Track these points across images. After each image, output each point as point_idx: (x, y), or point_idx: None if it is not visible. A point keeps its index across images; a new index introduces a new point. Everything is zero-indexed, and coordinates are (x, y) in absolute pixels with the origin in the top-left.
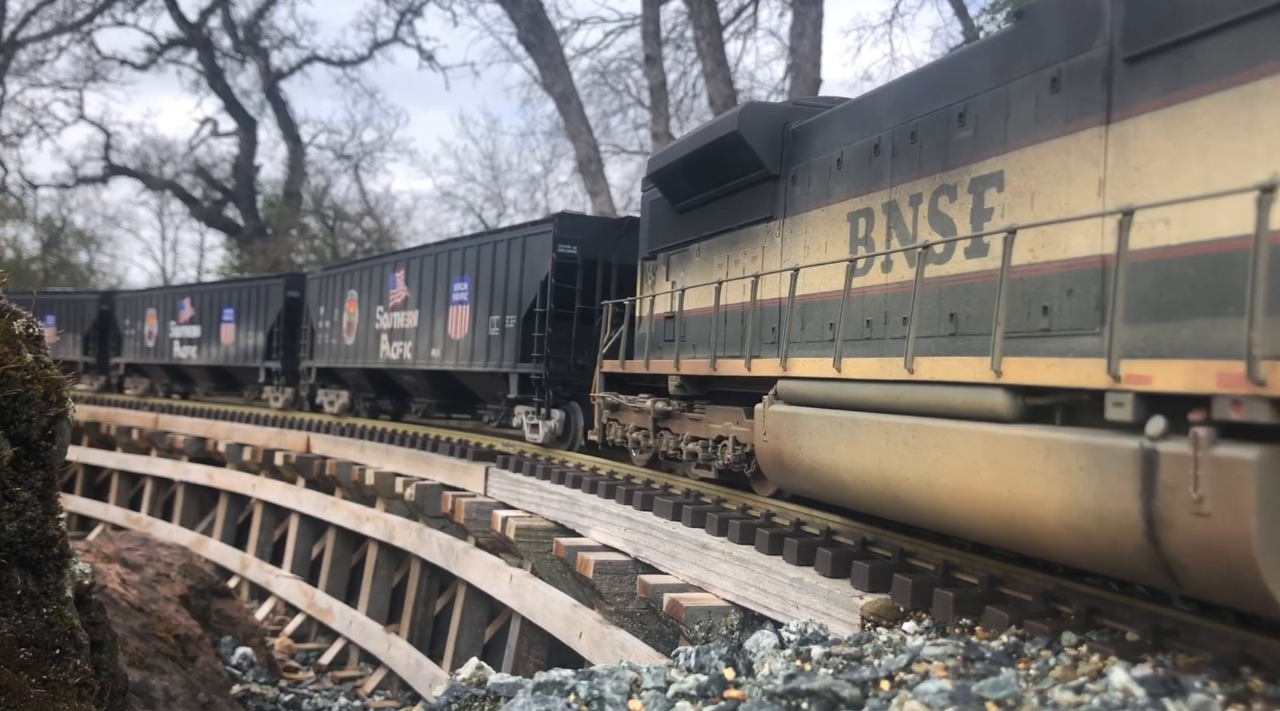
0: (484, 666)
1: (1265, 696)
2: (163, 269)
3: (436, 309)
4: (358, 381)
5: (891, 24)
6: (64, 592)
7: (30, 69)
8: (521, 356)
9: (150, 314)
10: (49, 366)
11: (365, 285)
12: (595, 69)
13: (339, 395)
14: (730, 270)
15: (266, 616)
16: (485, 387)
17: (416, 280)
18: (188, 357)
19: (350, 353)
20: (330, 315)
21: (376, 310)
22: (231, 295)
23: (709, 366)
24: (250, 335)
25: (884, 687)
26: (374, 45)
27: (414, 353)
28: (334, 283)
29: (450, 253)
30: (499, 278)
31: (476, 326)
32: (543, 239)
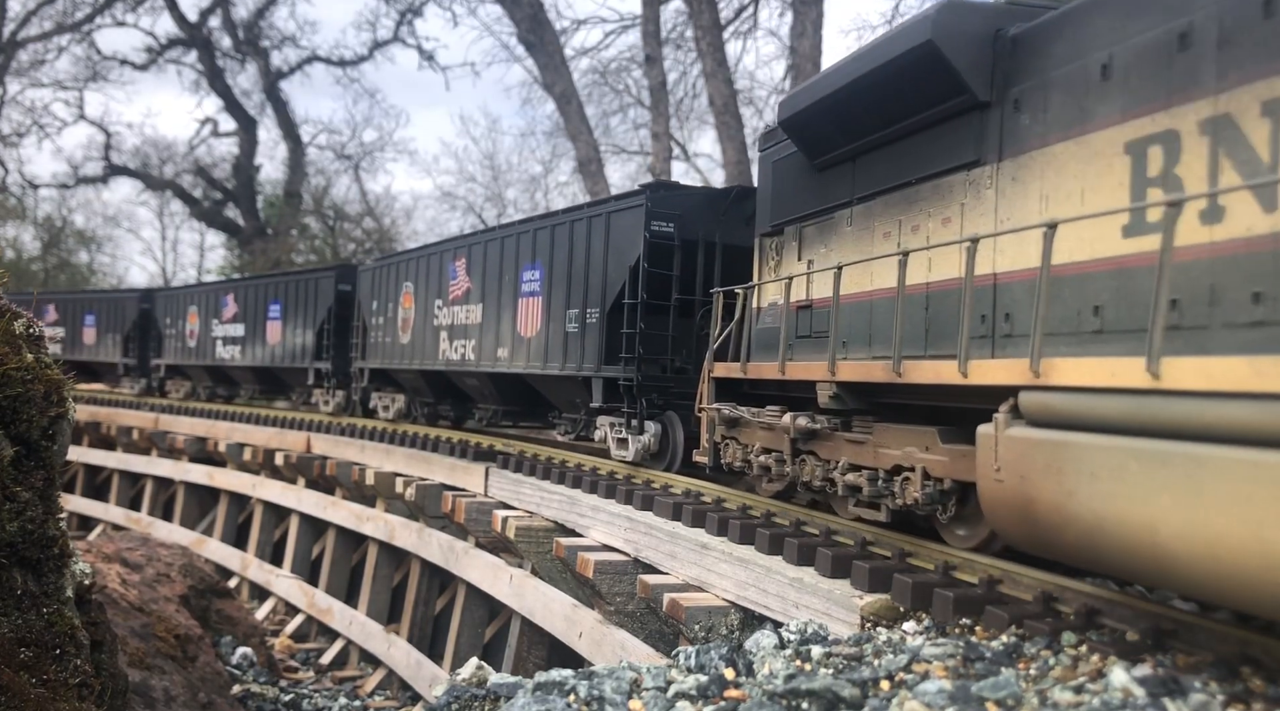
0: (484, 666)
1: (1265, 696)
2: (163, 269)
3: (503, 302)
4: (415, 384)
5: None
6: (64, 592)
7: (30, 69)
8: (607, 357)
9: (192, 312)
10: (49, 366)
11: (422, 276)
12: (595, 69)
13: (394, 399)
14: (906, 239)
15: (266, 616)
16: (561, 394)
17: (480, 269)
18: (231, 358)
19: (406, 352)
20: (384, 311)
21: (435, 304)
22: (278, 290)
23: (888, 371)
24: (298, 333)
25: (884, 687)
26: (374, 45)
27: (477, 353)
28: (388, 274)
29: (519, 236)
30: (578, 264)
31: (551, 322)
32: (632, 215)
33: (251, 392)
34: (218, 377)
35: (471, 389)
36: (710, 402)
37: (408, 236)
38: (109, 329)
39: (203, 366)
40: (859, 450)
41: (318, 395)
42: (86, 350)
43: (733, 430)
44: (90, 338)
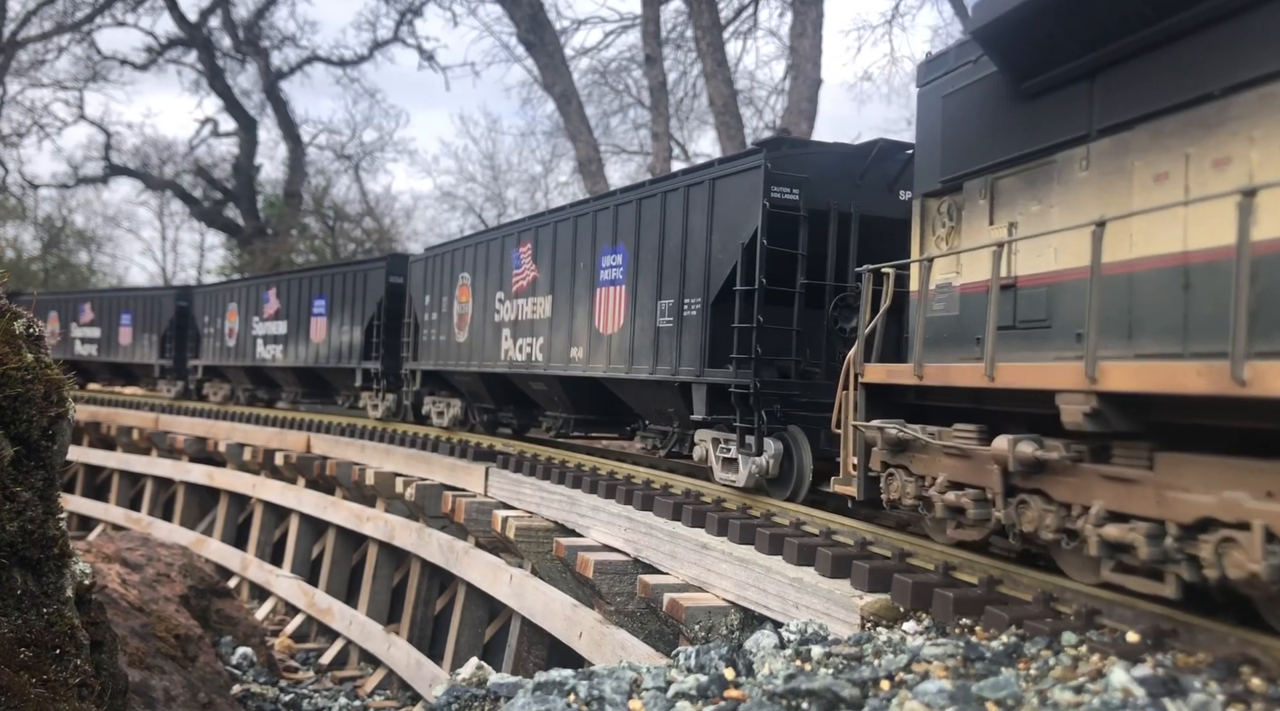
0: (484, 666)
1: (1265, 696)
2: (163, 269)
3: (577, 293)
4: (473, 388)
5: (891, 24)
6: (64, 592)
7: (30, 69)
8: (711, 358)
9: (231, 309)
10: (49, 366)
11: (480, 266)
12: (595, 69)
13: (449, 405)
14: (1194, 182)
15: (266, 616)
16: (649, 402)
17: (549, 255)
18: (272, 359)
19: (462, 352)
20: (437, 305)
21: (495, 298)
22: (324, 284)
23: (1215, 377)
24: (345, 331)
25: (884, 687)
26: (374, 45)
27: (546, 353)
28: (442, 265)
29: (596, 214)
30: (672, 244)
31: (638, 315)
32: (745, 181)
33: (294, 396)
34: (258, 379)
35: (538, 394)
36: (862, 416)
37: (408, 236)
38: (145, 328)
39: (242, 367)
40: (1128, 492)
41: (366, 398)
42: (122, 351)
43: (899, 455)
44: (126, 338)
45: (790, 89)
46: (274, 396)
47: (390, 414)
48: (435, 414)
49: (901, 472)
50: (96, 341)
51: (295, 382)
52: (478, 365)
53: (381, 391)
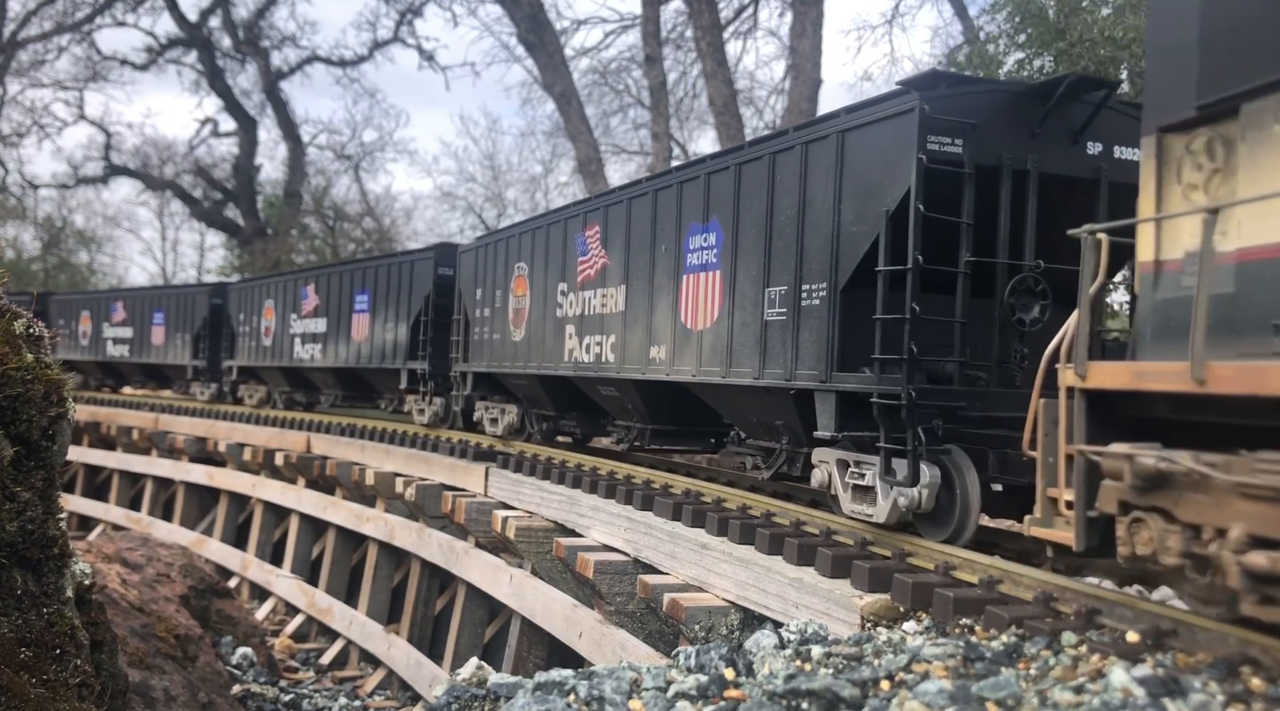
0: (484, 666)
1: (1265, 696)
2: (163, 269)
3: (658, 282)
4: (530, 393)
5: (891, 24)
6: (64, 592)
7: (30, 69)
8: (840, 360)
9: (268, 306)
10: (49, 366)
11: (539, 254)
12: (595, 69)
13: (503, 411)
14: None
15: (266, 616)
16: (751, 413)
17: (621, 238)
18: (311, 359)
19: (519, 353)
20: (490, 300)
21: (557, 290)
22: (366, 277)
23: None
24: (389, 328)
25: (884, 687)
26: (374, 45)
27: (619, 353)
28: (494, 255)
29: (681, 186)
30: (784, 217)
31: (737, 307)
32: (891, 131)
33: (334, 399)
34: (295, 381)
35: (607, 401)
36: (1083, 436)
37: (408, 236)
38: (178, 327)
39: (278, 368)
40: None
41: (411, 402)
42: (154, 351)
43: (1155, 494)
44: (158, 337)
45: (790, 89)
46: (312, 400)
47: (437, 420)
48: (488, 421)
49: (1157, 518)
50: (128, 342)
51: (335, 385)
52: (536, 367)
53: (428, 395)
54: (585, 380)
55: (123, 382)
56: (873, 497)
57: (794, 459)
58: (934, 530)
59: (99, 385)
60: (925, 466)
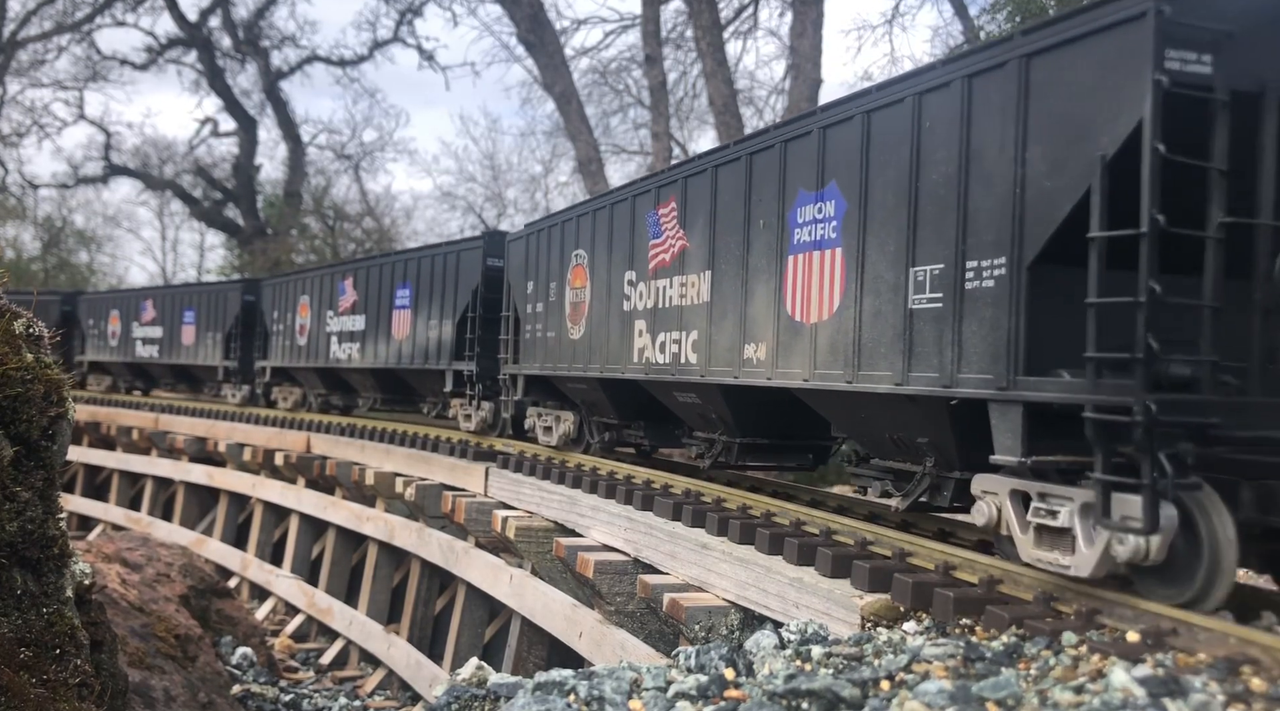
0: (484, 666)
1: (1265, 696)
2: (163, 269)
3: (753, 265)
4: (590, 399)
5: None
6: (64, 592)
7: (30, 69)
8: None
9: (303, 302)
10: (49, 366)
11: (601, 239)
12: (595, 69)
13: (559, 418)
14: None
15: (266, 616)
16: (881, 424)
17: (704, 214)
18: (348, 359)
19: (577, 353)
20: (543, 293)
21: (623, 279)
22: (408, 270)
23: None
24: (433, 326)
25: (884, 687)
26: (374, 45)
27: (701, 351)
28: (548, 242)
29: (785, 146)
30: (936, 173)
31: (868, 291)
32: (1108, 47)
33: (372, 402)
34: (332, 383)
35: (684, 409)
36: None
37: (408, 236)
38: (209, 326)
39: (314, 369)
40: None
41: (456, 407)
42: (185, 352)
43: None
44: (189, 337)
45: (790, 89)
46: (349, 403)
47: (485, 427)
48: (541, 429)
49: None
50: (158, 342)
51: (374, 387)
52: (599, 369)
53: (476, 399)
54: (658, 385)
55: (153, 385)
56: (1068, 542)
57: (940, 486)
58: (1165, 589)
59: (128, 388)
60: (1167, 508)
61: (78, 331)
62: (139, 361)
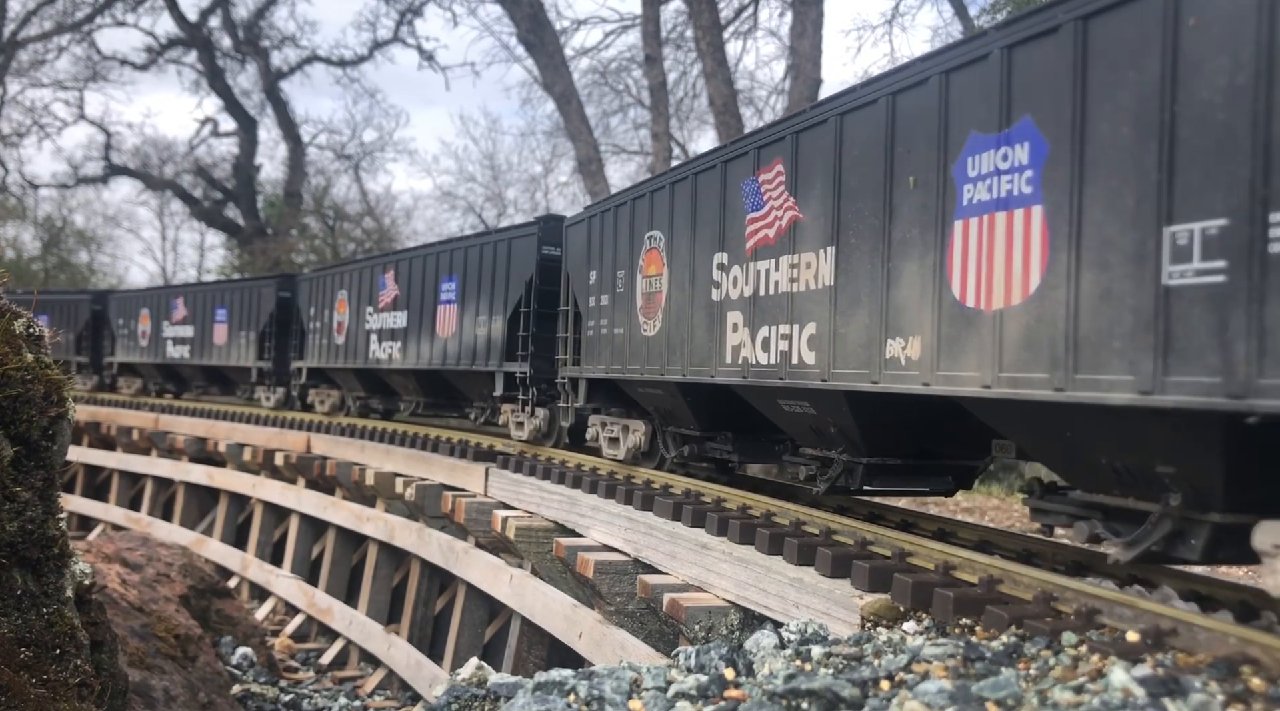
0: (484, 666)
1: (1265, 696)
2: (163, 269)
3: (898, 236)
4: (666, 406)
5: (891, 24)
6: (64, 592)
7: (30, 69)
8: None
9: (340, 298)
10: (49, 366)
11: (681, 216)
12: (595, 69)
13: (630, 428)
14: None
15: (266, 616)
16: (1103, 446)
17: (823, 174)
18: (388, 359)
19: (651, 352)
20: (607, 284)
21: (712, 263)
22: (454, 261)
23: None
24: (482, 322)
25: (884, 687)
26: (374, 45)
27: (822, 350)
28: (612, 225)
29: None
30: (1206, 90)
31: (1086, 262)
32: None
33: (414, 406)
34: (371, 385)
35: (792, 420)
36: None
37: (408, 236)
38: (242, 325)
39: (352, 370)
40: None
41: (507, 413)
42: (217, 352)
43: None
44: (221, 337)
45: (790, 89)
46: (390, 407)
47: (539, 436)
48: (606, 440)
49: None
50: (189, 342)
51: (417, 390)
52: (680, 372)
53: (530, 404)
54: (759, 390)
55: (184, 388)
56: None
57: (1188, 532)
58: None
59: (159, 390)
60: None
61: (107, 331)
62: (170, 362)
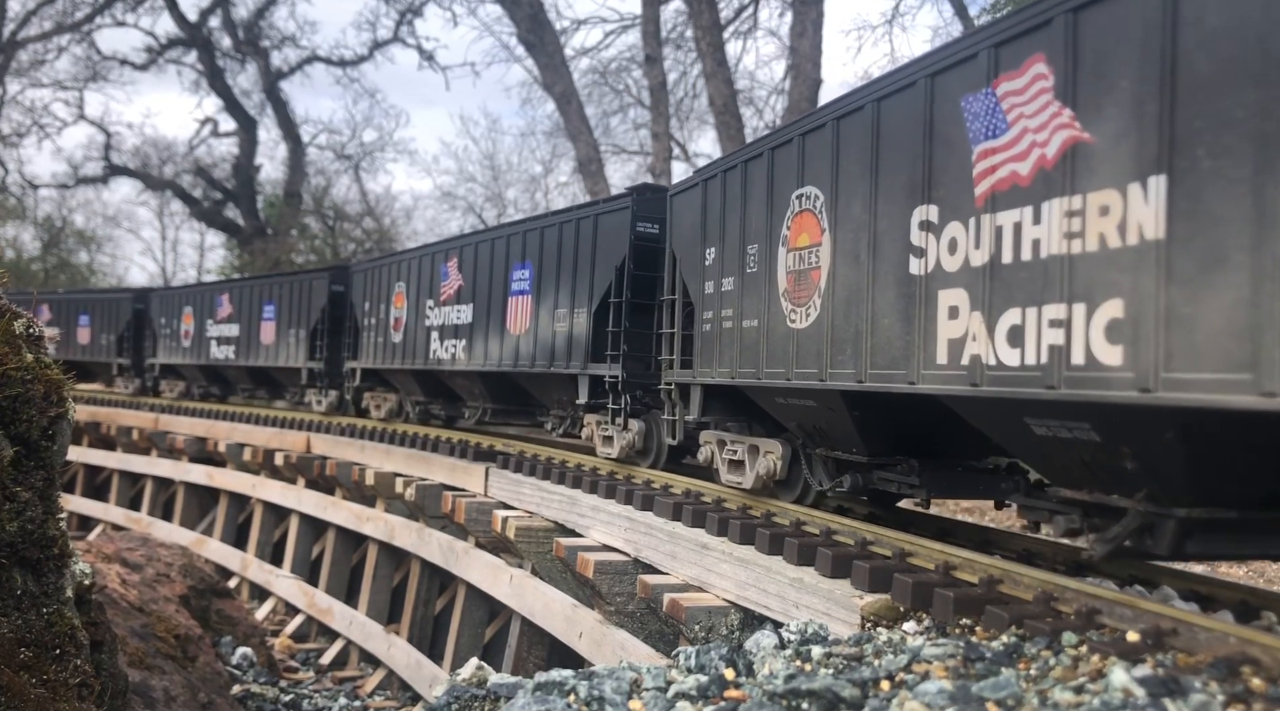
0: (484, 666)
1: (1265, 696)
2: (163, 269)
3: None
4: (820, 421)
5: (891, 24)
6: (64, 592)
7: (30, 69)
8: None
9: (398, 291)
10: (49, 366)
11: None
12: (595, 69)
13: (762, 449)
14: None
15: (266, 616)
16: None
17: (1143, 71)
18: (451, 359)
19: (802, 350)
20: (732, 264)
21: (909, 222)
22: (526, 245)
23: None
24: (560, 317)
25: (884, 687)
26: (374, 45)
27: (1137, 341)
28: (744, 183)
29: None
30: None
31: None
32: None
33: (481, 413)
34: (432, 388)
35: (1057, 448)
36: None
37: (408, 236)
38: (291, 322)
39: (410, 371)
40: None
41: (591, 425)
42: (263, 352)
43: None
44: (268, 335)
45: (790, 89)
46: (453, 413)
47: (631, 452)
48: (725, 464)
49: None
50: (234, 341)
51: (483, 395)
52: (849, 376)
53: (623, 414)
54: (994, 405)
55: (229, 391)
56: None
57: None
58: None
59: (203, 394)
60: None
61: (149, 331)
62: (214, 364)
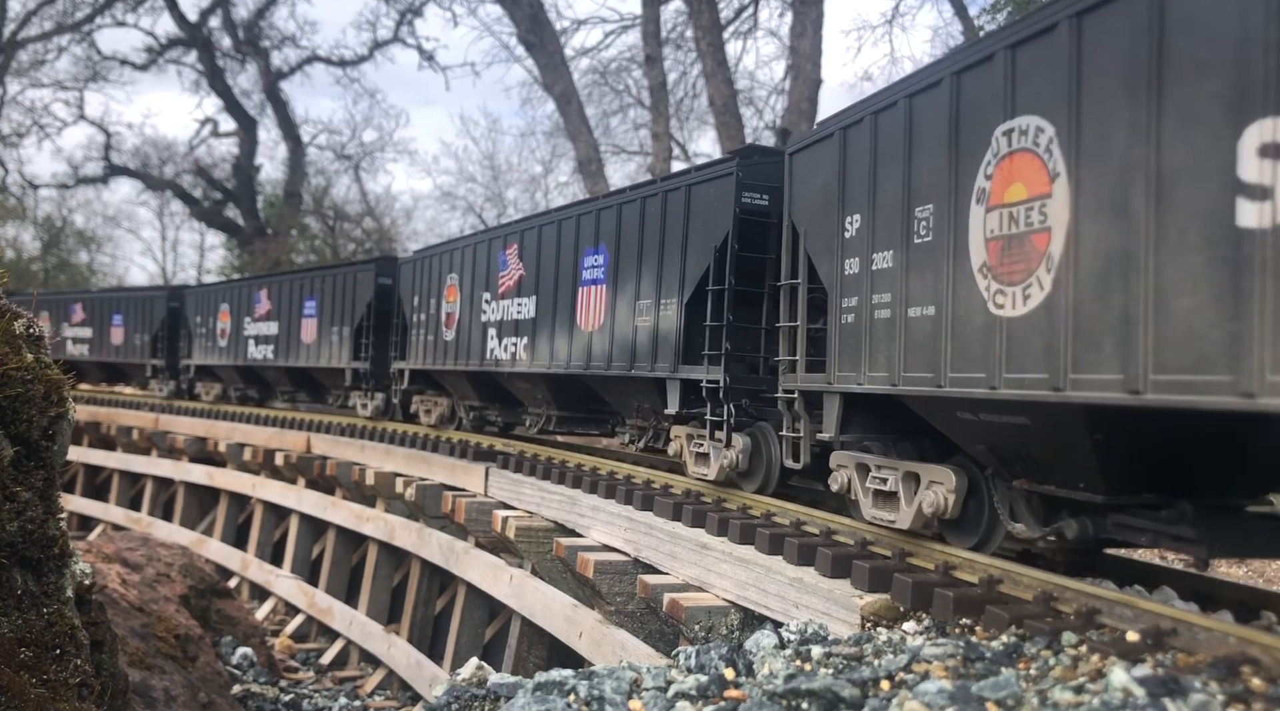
0: (484, 666)
1: (1265, 696)
2: (163, 269)
3: None
4: (1023, 443)
5: (891, 24)
6: (64, 592)
7: (30, 69)
8: None
9: (450, 284)
10: (49, 366)
11: (1099, 85)
12: (595, 69)
13: (929, 478)
14: None
15: (266, 616)
16: None
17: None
18: (510, 360)
19: (1016, 344)
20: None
21: (1239, 151)
22: (600, 227)
23: None
24: (643, 310)
25: (884, 687)
26: (374, 45)
27: None
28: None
29: None
30: None
31: None
32: None
33: (544, 420)
34: (489, 392)
35: None
36: None
37: (408, 236)
38: (334, 319)
39: (463, 373)
40: None
41: (680, 437)
42: (304, 352)
43: None
44: (309, 334)
45: (790, 89)
46: (513, 420)
47: (732, 473)
48: (868, 494)
49: None
50: (273, 340)
51: (548, 401)
52: (1114, 383)
53: (724, 428)
54: None
55: (268, 394)
56: None
57: None
58: None
59: (240, 397)
60: None
61: (184, 330)
62: (252, 364)
